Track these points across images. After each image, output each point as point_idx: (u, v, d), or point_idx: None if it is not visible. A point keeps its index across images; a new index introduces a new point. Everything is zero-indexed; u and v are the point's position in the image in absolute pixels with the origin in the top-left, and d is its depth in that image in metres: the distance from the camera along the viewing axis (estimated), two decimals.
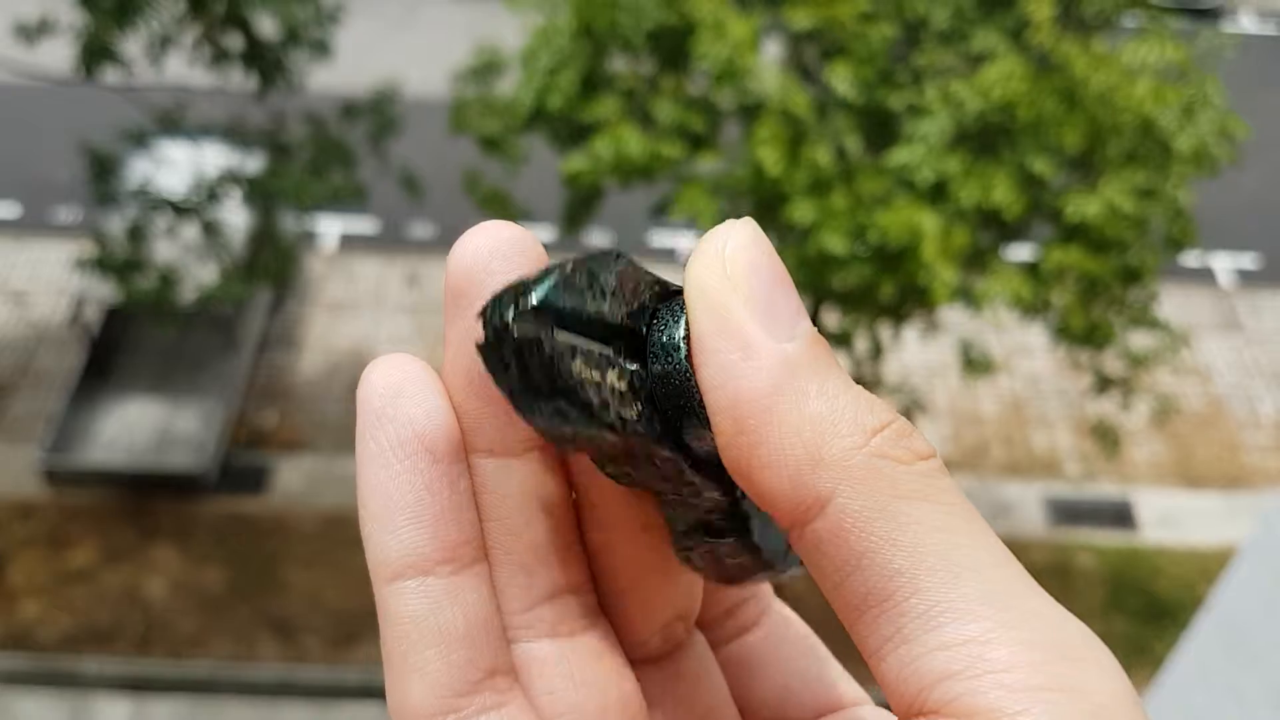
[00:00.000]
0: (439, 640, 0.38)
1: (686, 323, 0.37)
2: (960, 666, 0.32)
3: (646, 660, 0.44)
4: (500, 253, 0.38)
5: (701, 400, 0.37)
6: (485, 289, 0.38)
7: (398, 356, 0.39)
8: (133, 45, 6.76)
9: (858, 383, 0.37)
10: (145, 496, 8.40)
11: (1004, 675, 0.32)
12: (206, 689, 7.44)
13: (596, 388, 0.36)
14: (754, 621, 0.47)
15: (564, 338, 0.36)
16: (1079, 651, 0.33)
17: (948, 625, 0.33)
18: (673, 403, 0.38)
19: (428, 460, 0.38)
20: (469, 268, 0.38)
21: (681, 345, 0.37)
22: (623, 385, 0.37)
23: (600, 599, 0.43)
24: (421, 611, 0.38)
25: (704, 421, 0.37)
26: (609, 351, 0.37)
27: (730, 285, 0.36)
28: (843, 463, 0.34)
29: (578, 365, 0.36)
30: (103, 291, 8.54)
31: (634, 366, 0.38)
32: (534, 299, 0.36)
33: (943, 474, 0.35)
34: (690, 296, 0.37)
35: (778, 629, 0.47)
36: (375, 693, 7.45)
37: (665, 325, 0.38)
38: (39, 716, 7.33)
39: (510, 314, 0.36)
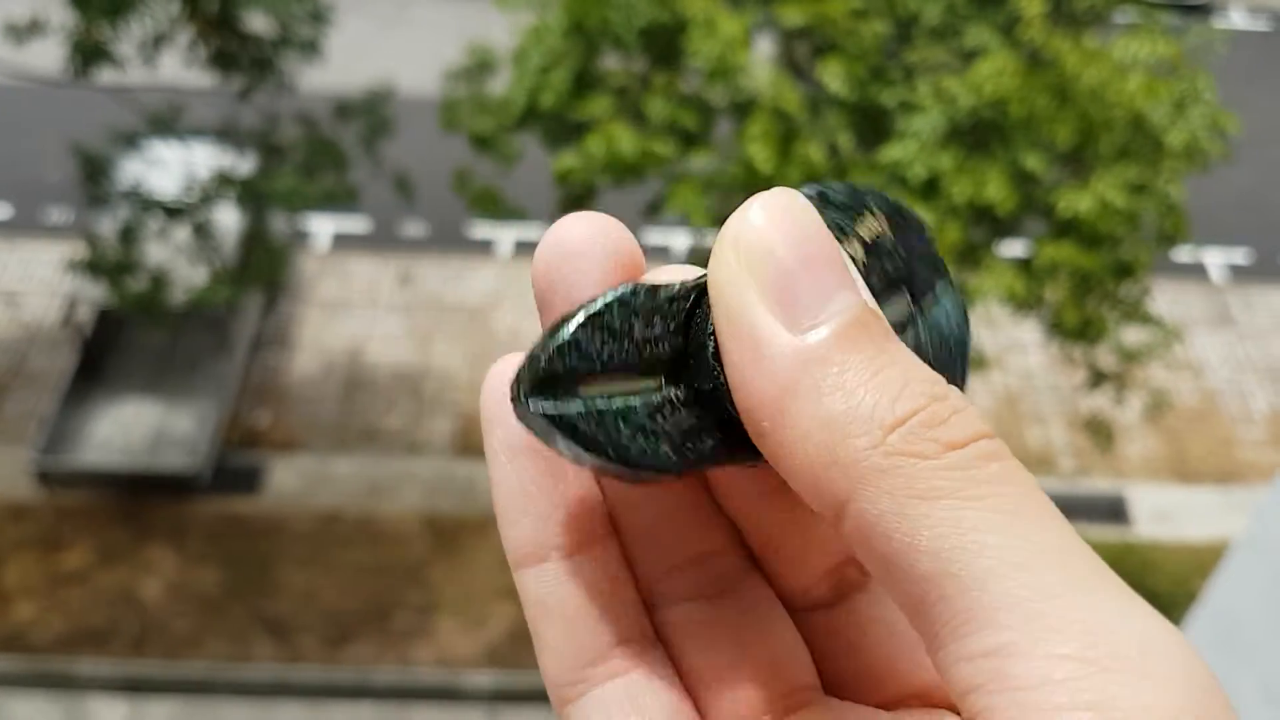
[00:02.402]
0: (559, 620, 0.40)
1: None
2: (982, 680, 0.31)
3: (816, 607, 0.43)
4: (581, 251, 0.38)
5: None
6: (569, 290, 0.38)
7: (511, 359, 0.40)
8: (125, 44, 6.74)
9: None
10: (139, 497, 8.39)
11: (1023, 693, 0.30)
12: (202, 689, 7.43)
13: (628, 439, 0.37)
14: (860, 586, 0.44)
15: (549, 406, 0.36)
16: (1126, 662, 0.30)
17: (972, 635, 0.31)
18: (722, 408, 0.37)
19: (530, 458, 0.40)
20: (546, 270, 0.39)
21: (708, 343, 0.37)
22: (659, 424, 0.37)
23: (755, 558, 0.43)
24: (541, 595, 0.41)
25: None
26: (637, 397, 0.37)
27: (743, 275, 0.35)
28: (857, 465, 0.32)
29: (601, 430, 0.36)
30: (95, 292, 8.52)
31: (674, 393, 0.37)
32: (523, 384, 0.37)
33: (982, 461, 0.33)
34: (709, 294, 0.36)
35: (881, 594, 0.44)
36: (369, 692, 7.45)
37: (699, 330, 0.37)
38: (34, 718, 7.31)
39: (518, 404, 0.37)
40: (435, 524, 8.27)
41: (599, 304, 0.37)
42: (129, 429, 8.77)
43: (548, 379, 0.36)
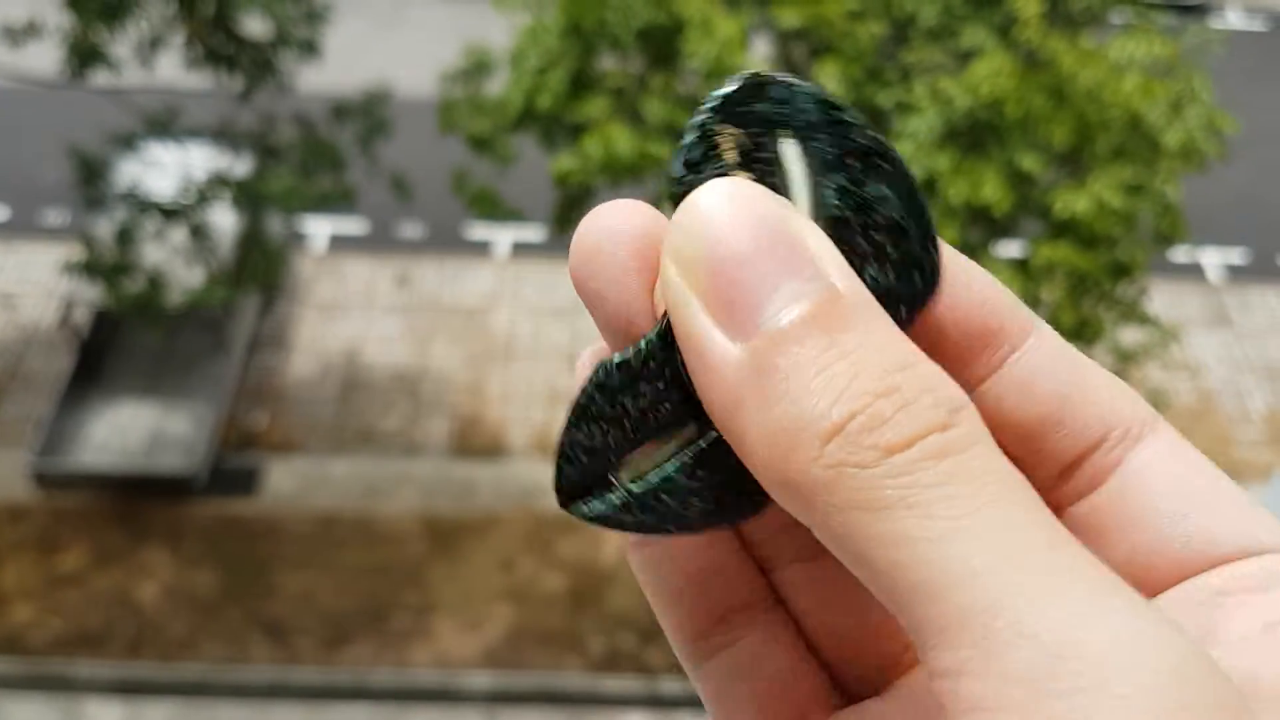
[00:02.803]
0: (666, 599, 0.40)
1: None
2: (944, 700, 0.29)
3: None
4: (612, 239, 0.37)
5: None
6: (606, 281, 0.37)
7: (589, 351, 0.39)
8: (121, 47, 6.75)
9: None
10: (136, 499, 8.38)
11: (976, 715, 0.28)
12: (198, 692, 7.43)
13: (681, 508, 0.36)
14: (1099, 480, 0.39)
15: (598, 507, 0.36)
16: (1084, 679, 0.27)
17: (933, 651, 0.29)
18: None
19: None
20: (580, 265, 0.37)
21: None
22: (702, 477, 0.36)
23: None
24: (646, 578, 0.40)
25: None
26: (669, 463, 0.36)
27: (682, 286, 0.33)
28: (803, 478, 0.31)
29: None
30: (92, 294, 8.52)
31: (699, 439, 0.36)
32: (563, 490, 0.36)
33: (928, 461, 0.30)
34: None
35: (1133, 480, 0.39)
36: (367, 693, 7.44)
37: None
38: None
39: (570, 511, 0.36)
40: (433, 525, 8.27)
41: (580, 398, 0.36)
42: (126, 431, 8.76)
43: (577, 484, 0.36)
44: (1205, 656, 0.28)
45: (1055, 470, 0.39)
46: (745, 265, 0.32)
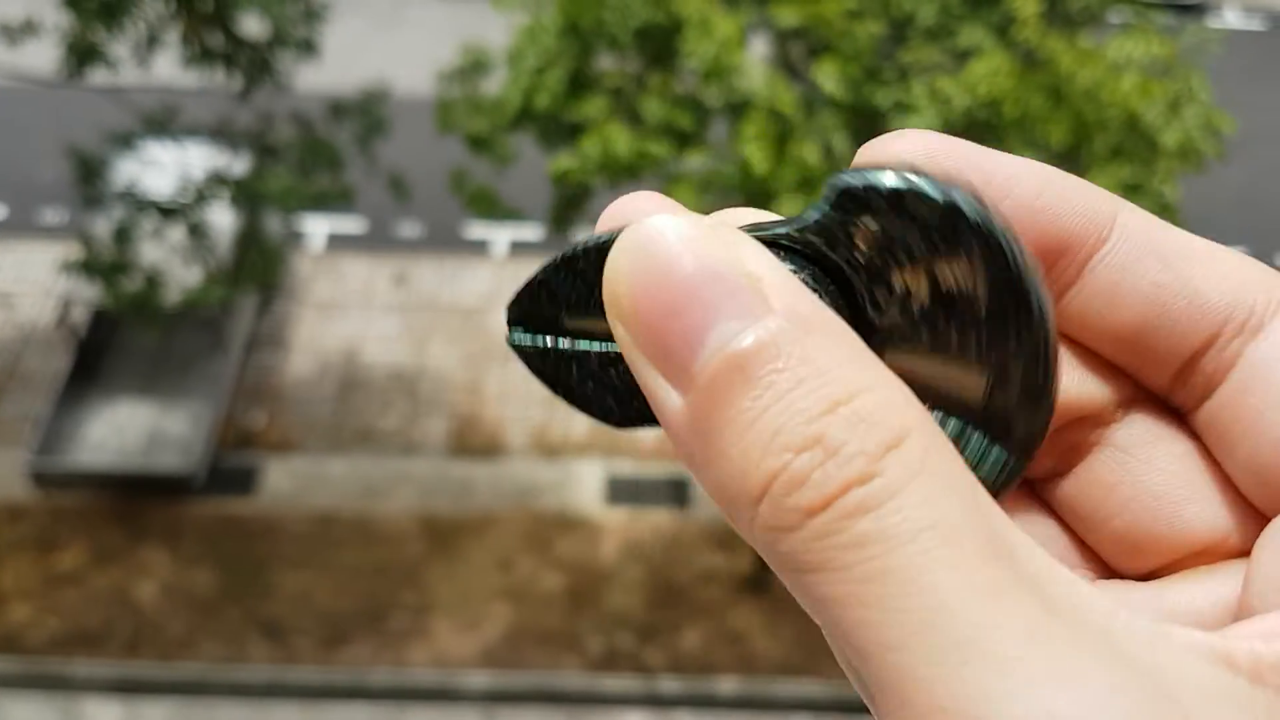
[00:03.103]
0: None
1: None
2: None
3: (1047, 479, 0.39)
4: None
5: None
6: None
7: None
8: (119, 46, 6.74)
9: None
10: (134, 498, 8.38)
11: None
12: (197, 691, 7.42)
13: (577, 383, 0.37)
14: (1218, 380, 0.36)
15: (524, 339, 0.38)
16: None
17: (878, 711, 0.28)
18: None
19: None
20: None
21: None
22: (610, 376, 0.36)
23: None
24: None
25: None
26: (597, 344, 0.36)
27: (626, 326, 0.31)
28: (750, 537, 0.30)
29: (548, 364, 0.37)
30: (90, 293, 8.52)
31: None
32: (508, 313, 0.38)
33: (846, 521, 0.28)
34: None
35: (1252, 375, 0.35)
36: (365, 693, 7.44)
37: None
38: (29, 719, 7.31)
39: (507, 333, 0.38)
40: (431, 524, 8.26)
41: (576, 247, 0.36)
42: (124, 430, 8.75)
43: (528, 313, 0.37)
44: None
45: (1169, 373, 0.36)
46: (675, 311, 0.30)
